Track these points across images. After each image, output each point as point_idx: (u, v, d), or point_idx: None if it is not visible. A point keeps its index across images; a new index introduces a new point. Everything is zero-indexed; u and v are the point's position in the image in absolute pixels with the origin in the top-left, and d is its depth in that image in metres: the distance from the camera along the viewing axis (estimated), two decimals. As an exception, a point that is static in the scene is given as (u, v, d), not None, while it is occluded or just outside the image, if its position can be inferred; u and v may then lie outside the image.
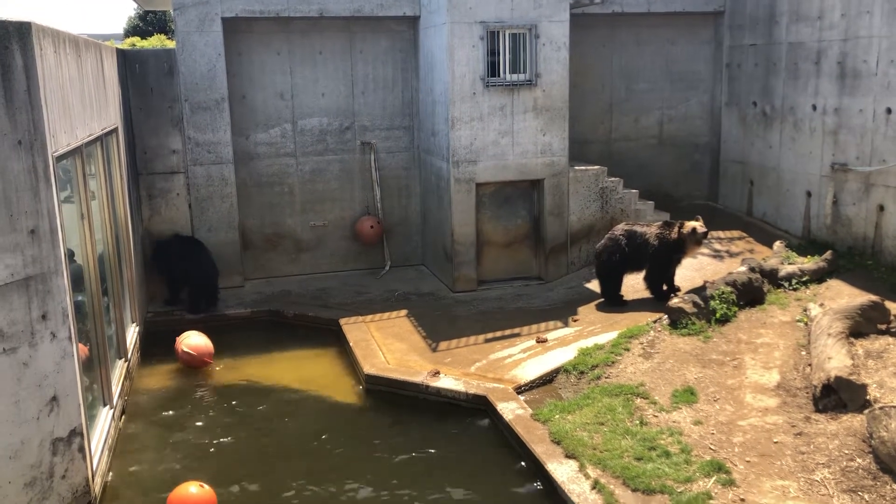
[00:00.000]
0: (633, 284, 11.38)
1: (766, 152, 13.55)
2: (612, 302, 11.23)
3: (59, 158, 6.73)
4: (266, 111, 13.21)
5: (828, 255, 11.11)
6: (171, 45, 13.77)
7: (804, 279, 10.73)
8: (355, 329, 10.98)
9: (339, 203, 13.77)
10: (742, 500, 6.48)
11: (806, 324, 9.29)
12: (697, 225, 10.74)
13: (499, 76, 12.07)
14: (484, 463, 7.84)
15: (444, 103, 12.17)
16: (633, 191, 13.27)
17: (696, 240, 10.75)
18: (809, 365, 8.36)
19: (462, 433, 8.45)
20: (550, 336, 10.32)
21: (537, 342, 10.17)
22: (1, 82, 5.79)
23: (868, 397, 7.42)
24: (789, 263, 11.23)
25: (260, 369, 10.24)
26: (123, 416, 8.88)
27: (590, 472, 6.99)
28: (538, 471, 7.37)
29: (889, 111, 10.84)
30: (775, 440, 7.32)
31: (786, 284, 10.70)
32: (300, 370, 10.20)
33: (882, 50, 10.91)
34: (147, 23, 36.85)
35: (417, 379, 9.26)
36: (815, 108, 12.28)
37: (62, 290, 6.43)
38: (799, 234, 12.73)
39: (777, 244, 12.22)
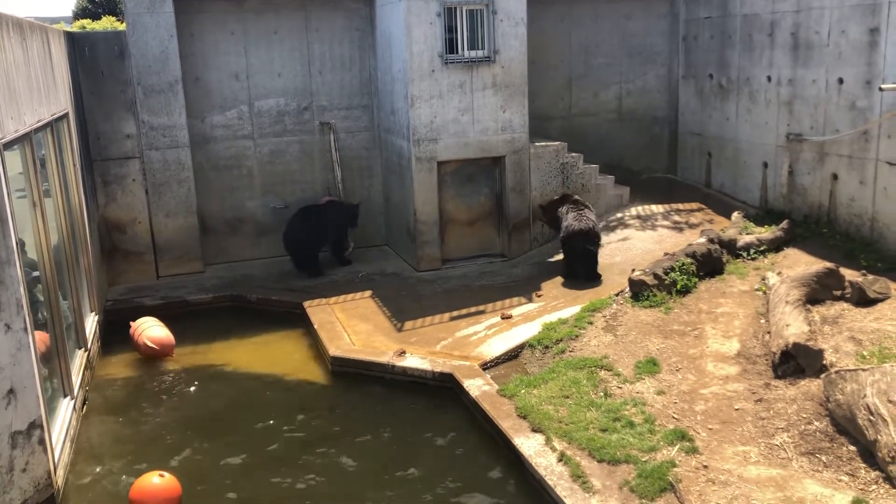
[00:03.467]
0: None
1: (723, 124, 13.71)
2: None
3: (7, 145, 6.54)
4: (221, 93, 12.98)
5: (784, 224, 11.31)
6: (121, 27, 13.41)
7: (762, 249, 10.91)
8: (320, 311, 10.92)
9: (299, 185, 13.63)
10: (705, 466, 6.61)
11: (764, 292, 9.46)
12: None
13: (457, 53, 12.00)
14: (452, 440, 7.88)
15: (402, 81, 12.07)
16: (594, 166, 13.34)
17: None
18: (768, 333, 8.53)
19: (429, 411, 8.48)
20: (515, 312, 10.37)
21: (502, 319, 10.21)
22: (-59, 67, 5.59)
23: (825, 362, 7.59)
24: (747, 234, 11.40)
25: (223, 355, 10.14)
26: (85, 407, 8.74)
27: (556, 445, 7.06)
28: (505, 445, 7.43)
29: (841, 81, 11.01)
30: (736, 407, 7.46)
31: (744, 254, 10.87)
32: (264, 354, 10.12)
33: (833, 21, 11.06)
34: (96, 4, 35.85)
35: (383, 359, 9.25)
36: (769, 79, 12.43)
37: (15, 281, 6.27)
38: (756, 204, 12.93)
39: (735, 215, 12.40)
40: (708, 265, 10.41)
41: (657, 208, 13.35)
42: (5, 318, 6.19)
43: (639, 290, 9.83)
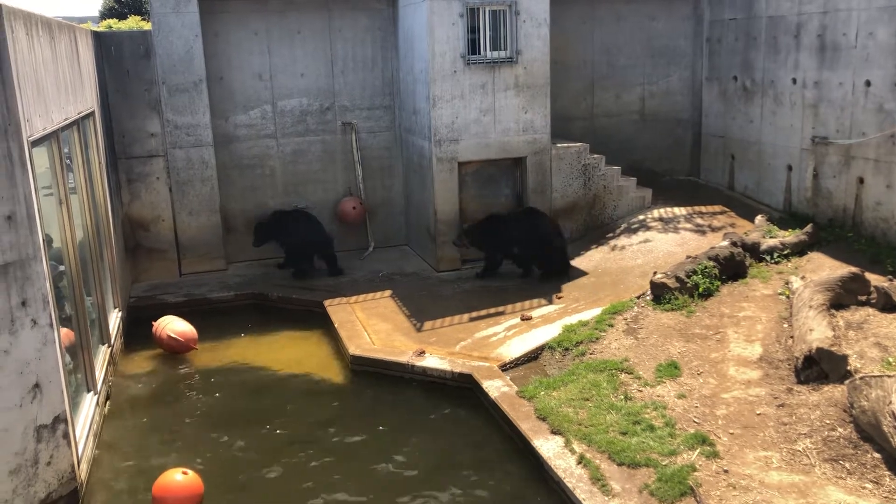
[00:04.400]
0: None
1: (746, 127, 13.59)
2: None
3: (35, 143, 6.63)
4: (245, 92, 13.07)
5: (809, 228, 11.19)
6: (147, 26, 13.54)
7: (785, 252, 10.81)
8: (340, 310, 10.96)
9: (321, 184, 13.69)
10: (725, 471, 6.56)
11: (787, 297, 9.37)
12: None
13: (479, 53, 12.00)
14: (470, 441, 7.88)
15: (424, 82, 12.09)
16: (616, 167, 13.28)
17: None
18: (791, 337, 8.44)
19: (448, 412, 8.48)
20: (535, 314, 10.35)
21: (522, 320, 10.20)
22: (-28, 66, 5.68)
23: (849, 368, 7.50)
24: (771, 237, 11.30)
25: (244, 352, 10.21)
26: (108, 402, 8.83)
27: (575, 448, 7.04)
28: (524, 447, 7.41)
29: (868, 84, 10.88)
30: (758, 412, 7.40)
31: (767, 258, 10.77)
32: (285, 352, 10.18)
33: (861, 22, 10.93)
34: (122, 4, 36.22)
35: (403, 359, 9.27)
36: (795, 81, 12.31)
37: (42, 277, 6.35)
38: (780, 207, 12.81)
39: (759, 218, 12.29)
40: (730, 268, 10.32)
41: (679, 211, 13.26)
42: (32, 313, 6.28)
43: (660, 293, 9.77)
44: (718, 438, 7.04)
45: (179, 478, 6.85)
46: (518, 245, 11.88)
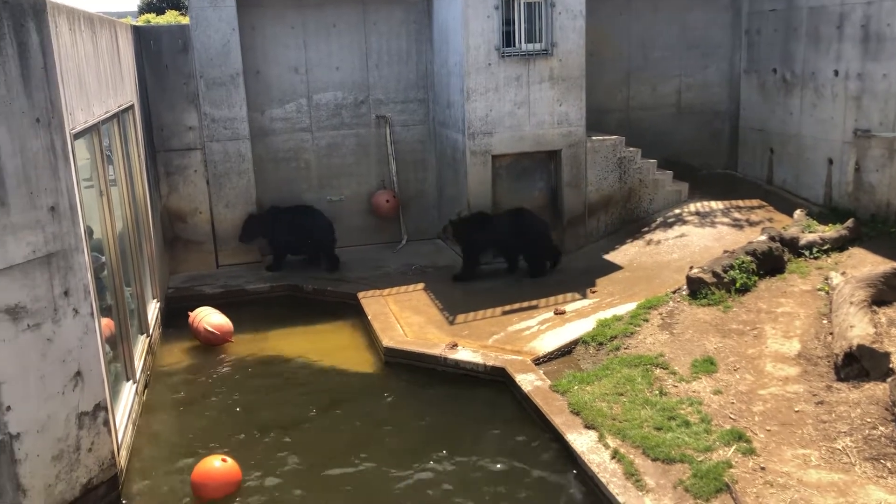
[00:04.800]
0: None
1: (786, 119, 13.36)
2: None
3: (77, 136, 6.76)
4: (281, 86, 13.18)
5: (850, 222, 10.97)
6: (185, 21, 13.71)
7: (825, 247, 10.61)
8: (373, 303, 11.01)
9: (355, 178, 13.76)
10: (762, 468, 6.47)
11: (827, 292, 9.20)
12: None
13: (514, 46, 11.95)
14: (503, 434, 7.87)
15: (458, 75, 12.07)
16: (652, 161, 13.15)
17: None
18: (831, 334, 8.30)
19: (480, 405, 8.49)
20: (568, 308, 10.31)
21: (555, 314, 10.16)
22: (18, 60, 5.80)
23: (891, 365, 7.36)
24: (810, 232, 11.10)
25: (279, 343, 10.32)
26: (146, 391, 8.99)
27: (609, 442, 7.00)
28: (557, 441, 7.39)
29: (913, 75, 10.63)
30: (796, 409, 7.29)
31: (806, 253, 10.59)
32: (319, 343, 10.27)
33: (906, 12, 10.67)
34: (161, -1, 36.66)
35: (436, 351, 9.29)
36: (836, 73, 12.06)
37: (83, 267, 6.48)
38: (820, 201, 12.57)
39: (798, 212, 12.09)
40: (768, 263, 10.17)
41: (716, 205, 13.08)
42: (73, 302, 6.41)
43: (697, 288, 9.66)
44: (755, 435, 6.96)
45: (218, 464, 6.97)
46: (504, 244, 11.84)
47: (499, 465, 7.32)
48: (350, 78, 13.40)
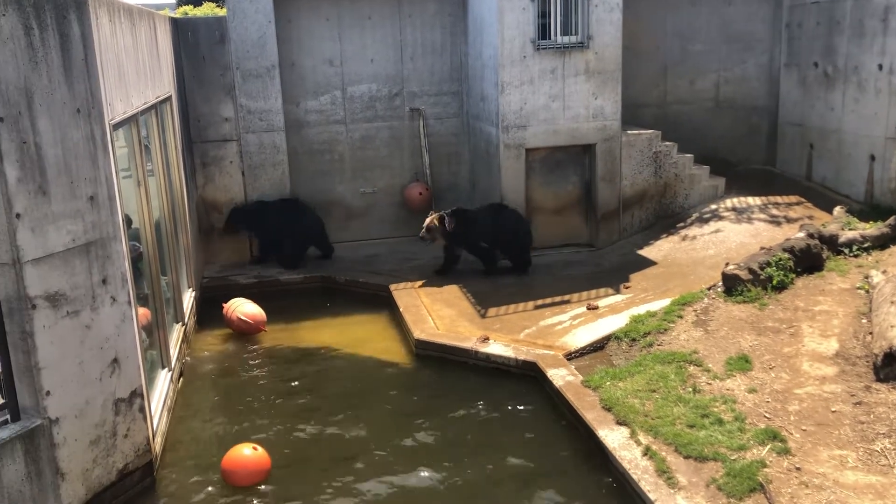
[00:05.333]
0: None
1: (827, 114, 13.10)
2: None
3: (116, 126, 6.86)
4: (316, 78, 13.24)
5: (892, 220, 10.72)
6: (221, 12, 13.83)
7: (865, 245, 10.40)
8: (405, 295, 11.04)
9: (388, 170, 13.79)
10: (798, 468, 6.37)
11: (867, 291, 9.02)
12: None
13: (549, 39, 11.87)
14: (533, 429, 7.85)
15: (493, 67, 12.02)
16: (688, 155, 12.99)
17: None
18: (870, 333, 8.13)
19: (511, 399, 8.47)
20: (601, 303, 10.23)
21: (588, 309, 10.09)
22: (59, 51, 5.89)
23: (932, 367, 7.20)
24: (850, 229, 10.88)
25: (312, 333, 10.40)
26: (181, 379, 9.12)
27: (641, 439, 6.95)
28: (589, 437, 7.35)
29: (960, 70, 10.35)
30: (833, 409, 7.16)
31: (846, 251, 10.39)
32: (351, 335, 10.32)
33: (954, 5, 10.39)
34: (198, -9, 37.03)
35: (467, 344, 9.29)
36: (881, 67, 11.79)
37: (121, 256, 6.58)
38: (861, 199, 12.32)
39: (837, 209, 11.86)
40: (806, 261, 9.99)
41: (754, 201, 12.89)
42: (111, 290, 6.51)
43: (732, 285, 9.53)
44: (790, 435, 6.85)
45: (248, 452, 7.04)
46: (487, 239, 11.72)
47: (529, 460, 7.30)
48: (384, 70, 13.42)
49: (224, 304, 10.63)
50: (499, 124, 12.00)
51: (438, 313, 10.33)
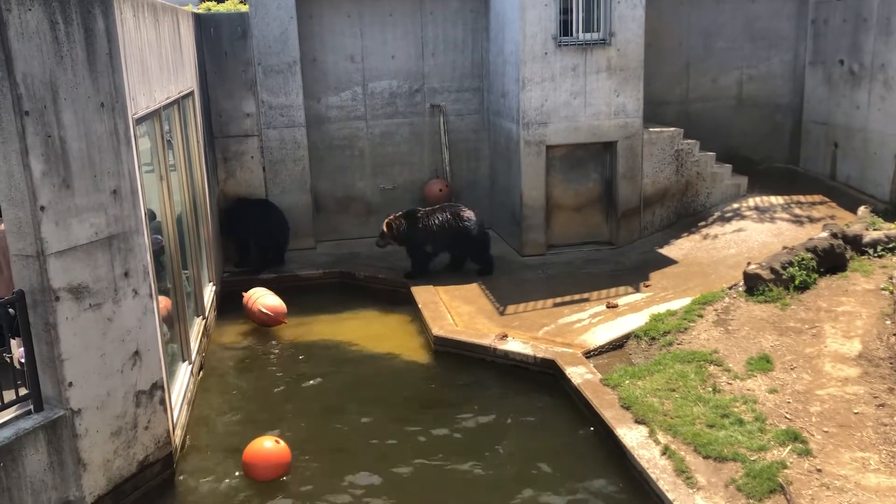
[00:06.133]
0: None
1: (852, 113, 12.94)
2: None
3: (139, 120, 6.91)
4: (337, 74, 13.27)
5: (917, 220, 10.59)
6: (244, 8, 13.90)
7: (891, 246, 10.25)
8: (424, 292, 11.04)
9: (408, 166, 13.80)
10: (819, 470, 6.31)
11: (891, 292, 8.90)
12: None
13: (571, 35, 11.81)
14: (550, 426, 7.83)
15: (514, 64, 11.99)
16: (710, 153, 12.89)
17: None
18: (894, 335, 8.03)
19: (529, 396, 8.46)
20: (621, 301, 10.18)
21: (607, 307, 10.05)
22: (84, 46, 5.95)
23: (957, 369, 7.09)
24: (875, 229, 10.74)
25: (331, 328, 10.43)
26: (201, 372, 9.18)
27: (660, 438, 6.90)
28: (607, 435, 7.32)
29: None
30: (856, 411, 7.08)
31: (870, 251, 10.25)
32: (370, 330, 10.35)
33: (985, 2, 10.21)
34: (221, -13, 37.24)
35: (485, 341, 9.28)
36: (907, 65, 11.62)
37: (143, 249, 6.64)
38: (886, 198, 12.15)
39: (862, 209, 11.71)
40: (829, 261, 9.88)
41: (776, 200, 12.76)
42: (133, 283, 6.57)
43: (754, 285, 9.44)
44: (812, 436, 6.78)
45: (269, 445, 7.09)
46: (435, 241, 11.62)
47: (545, 457, 7.28)
48: (405, 66, 13.42)
49: (244, 294, 10.70)
50: (519, 121, 11.96)
51: (457, 310, 10.32)
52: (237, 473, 7.12)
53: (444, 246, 11.75)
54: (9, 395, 5.94)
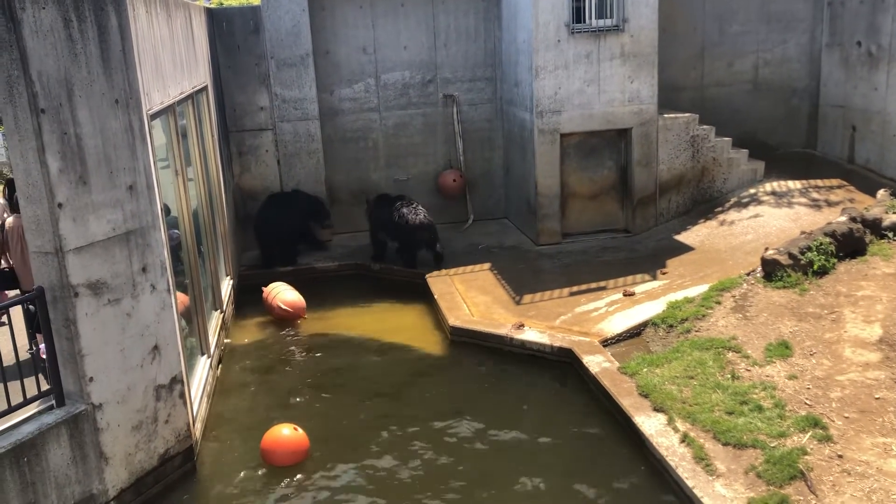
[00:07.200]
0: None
1: (870, 95, 12.77)
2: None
3: (153, 116, 6.94)
4: (349, 66, 13.26)
5: (938, 203, 10.46)
6: (256, 2, 13.93)
7: (911, 229, 10.14)
8: (440, 282, 11.05)
9: (422, 157, 13.79)
10: (840, 456, 6.27)
11: (912, 276, 8.81)
12: None
13: (584, 22, 11.73)
14: (569, 415, 7.83)
15: (527, 52, 11.93)
16: (726, 139, 12.77)
17: None
18: (915, 319, 7.95)
19: (547, 386, 8.45)
20: (638, 289, 10.14)
21: (624, 295, 10.01)
22: (98, 43, 5.97)
23: (980, 353, 7.01)
24: (894, 213, 10.62)
25: (347, 320, 10.47)
26: (220, 365, 9.25)
27: (679, 426, 6.88)
28: (625, 423, 7.31)
29: None
30: (877, 396, 7.02)
31: (890, 235, 10.14)
32: (386, 322, 10.37)
33: None
34: (232, -18, 37.27)
35: (502, 331, 9.27)
36: (926, 45, 11.46)
37: (160, 244, 6.68)
38: (906, 181, 12.02)
39: (881, 193, 11.57)
40: (848, 245, 9.78)
41: (794, 184, 12.65)
42: (151, 279, 6.61)
43: (772, 270, 9.37)
44: (832, 422, 6.73)
45: (287, 432, 7.14)
46: (387, 230, 11.81)
47: (564, 446, 7.28)
48: (418, 57, 13.39)
49: (264, 288, 10.75)
50: (533, 109, 11.91)
51: (473, 300, 10.33)
52: (257, 465, 7.17)
53: (390, 235, 11.94)
54: (31, 391, 6.01)
